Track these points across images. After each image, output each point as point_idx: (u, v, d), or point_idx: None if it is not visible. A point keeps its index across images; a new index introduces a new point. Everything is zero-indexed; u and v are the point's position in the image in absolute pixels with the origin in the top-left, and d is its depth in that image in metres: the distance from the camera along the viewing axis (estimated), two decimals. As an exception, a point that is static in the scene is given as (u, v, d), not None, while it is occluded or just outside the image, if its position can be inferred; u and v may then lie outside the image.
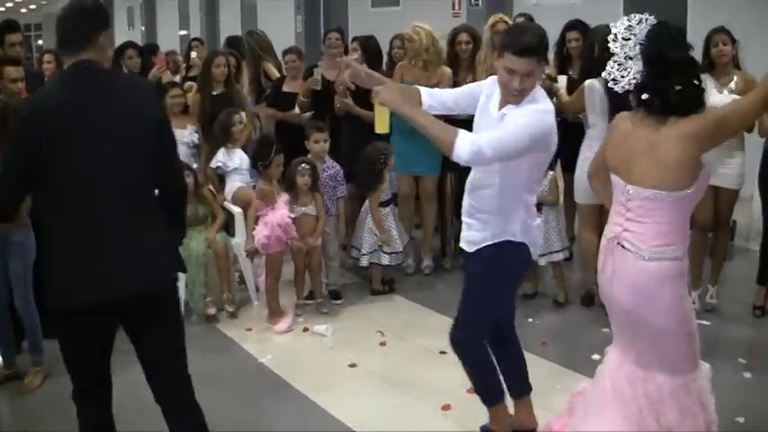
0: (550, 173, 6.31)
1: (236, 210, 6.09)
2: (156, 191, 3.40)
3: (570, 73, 6.82)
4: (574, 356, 5.36)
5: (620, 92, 3.55)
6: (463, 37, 6.97)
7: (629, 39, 3.49)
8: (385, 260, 6.53)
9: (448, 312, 6.07)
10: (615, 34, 3.52)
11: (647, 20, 3.51)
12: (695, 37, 4.30)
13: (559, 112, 6.74)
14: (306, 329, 5.73)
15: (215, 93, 7.06)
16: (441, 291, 6.70)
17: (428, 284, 6.87)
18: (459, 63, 6.97)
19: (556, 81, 6.76)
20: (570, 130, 6.36)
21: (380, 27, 9.78)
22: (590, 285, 6.43)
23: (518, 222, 3.86)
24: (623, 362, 3.61)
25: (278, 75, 8.05)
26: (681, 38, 3.49)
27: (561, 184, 6.63)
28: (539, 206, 6.15)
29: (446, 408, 4.64)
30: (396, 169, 6.73)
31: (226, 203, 6.33)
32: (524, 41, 3.63)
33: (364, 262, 6.49)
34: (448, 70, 6.81)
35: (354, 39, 7.51)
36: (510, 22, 6.75)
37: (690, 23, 9.63)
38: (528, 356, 5.30)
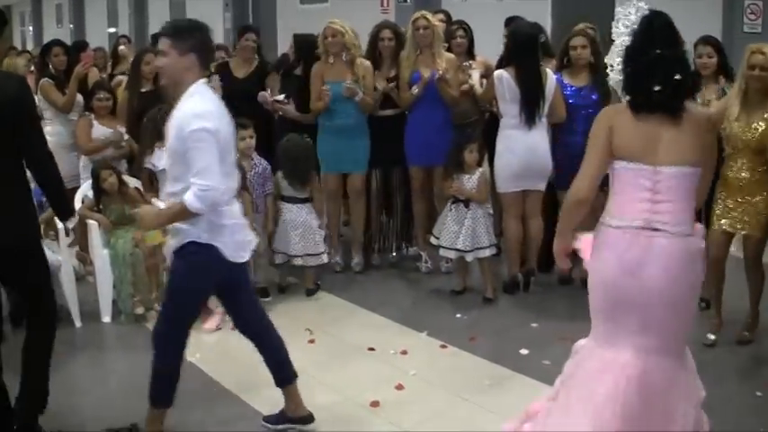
0: (479, 169, 6.38)
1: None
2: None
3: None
4: (503, 352, 5.41)
5: (612, 82, 3.71)
6: (386, 33, 6.99)
7: (628, 27, 3.56)
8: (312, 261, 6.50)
9: (377, 309, 6.17)
10: (617, 20, 3.62)
11: (641, 8, 3.60)
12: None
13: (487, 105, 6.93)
14: (234, 328, 5.70)
15: (144, 90, 6.98)
16: (370, 288, 6.74)
17: (357, 282, 6.89)
18: (383, 60, 6.98)
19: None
20: (496, 127, 6.49)
21: (309, 23, 9.77)
22: (514, 273, 6.57)
23: (203, 223, 3.91)
24: (612, 352, 3.53)
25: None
26: (666, 32, 3.50)
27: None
28: (467, 202, 6.26)
29: (375, 404, 4.65)
30: (323, 168, 6.72)
31: (154, 200, 6.21)
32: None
33: (299, 262, 6.45)
34: (368, 63, 6.82)
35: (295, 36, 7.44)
36: (430, 18, 6.77)
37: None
38: (456, 352, 5.42)
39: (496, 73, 6.31)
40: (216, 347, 5.51)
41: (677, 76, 3.42)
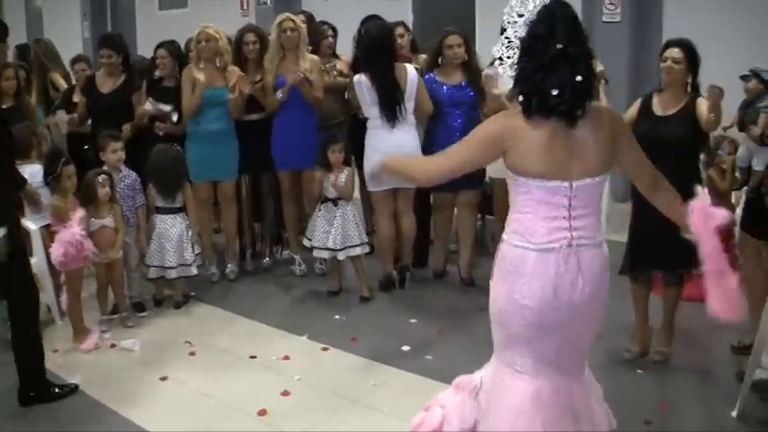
0: (346, 168, 6.43)
1: (32, 227, 5.82)
2: None
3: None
4: (384, 350, 5.47)
5: (501, 74, 3.35)
6: (250, 37, 6.95)
7: (522, 15, 3.22)
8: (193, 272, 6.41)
9: (255, 316, 6.14)
10: (510, 7, 3.25)
11: None
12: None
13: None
14: (113, 345, 5.55)
15: (5, 106, 6.68)
16: (246, 295, 6.69)
17: (233, 290, 6.81)
18: (247, 63, 6.94)
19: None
20: (361, 128, 6.56)
21: (169, 29, 9.63)
22: (388, 270, 6.65)
23: None
24: (534, 383, 3.35)
25: (65, 85, 7.79)
26: (569, 26, 3.18)
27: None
28: (336, 201, 6.29)
29: (262, 413, 4.61)
30: (192, 176, 6.62)
31: (23, 221, 6.01)
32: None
33: (173, 274, 6.32)
34: (237, 69, 6.78)
35: (159, 46, 7.23)
36: (296, 20, 6.77)
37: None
38: (338, 354, 5.45)
39: (355, 78, 6.37)
40: (96, 367, 5.33)
41: (578, 78, 3.11)
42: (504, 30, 3.27)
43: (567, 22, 3.16)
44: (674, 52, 5.01)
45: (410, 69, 6.37)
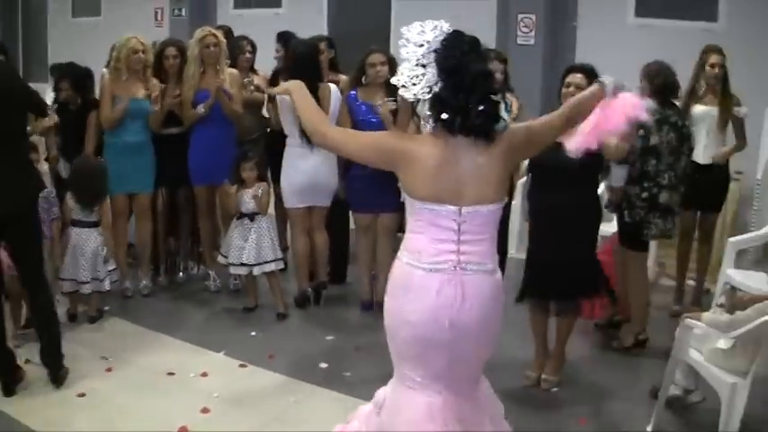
0: (263, 184, 6.45)
1: None
2: None
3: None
4: (303, 367, 5.51)
5: (411, 99, 3.37)
6: (171, 51, 6.89)
7: (423, 45, 3.30)
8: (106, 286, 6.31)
9: (171, 332, 6.09)
10: (407, 38, 3.34)
11: (441, 27, 3.33)
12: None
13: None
14: (28, 361, 5.41)
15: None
16: (162, 311, 6.62)
17: (148, 305, 6.71)
18: (168, 77, 6.90)
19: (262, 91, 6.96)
20: (278, 144, 6.58)
21: (82, 38, 9.51)
22: (303, 287, 6.70)
23: None
24: (424, 397, 3.44)
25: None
26: (478, 49, 3.34)
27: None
28: (252, 216, 6.31)
29: (183, 430, 4.59)
30: (110, 188, 6.51)
31: None
32: None
33: (87, 290, 6.21)
34: (157, 82, 6.75)
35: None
36: (218, 35, 6.76)
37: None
38: (256, 371, 5.45)
39: (278, 97, 6.26)
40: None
41: (495, 96, 3.30)
42: (404, 60, 3.36)
43: (475, 44, 3.32)
44: (577, 78, 5.04)
45: (333, 90, 6.35)
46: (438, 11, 4.01)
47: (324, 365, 5.55)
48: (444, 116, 3.26)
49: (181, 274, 7.34)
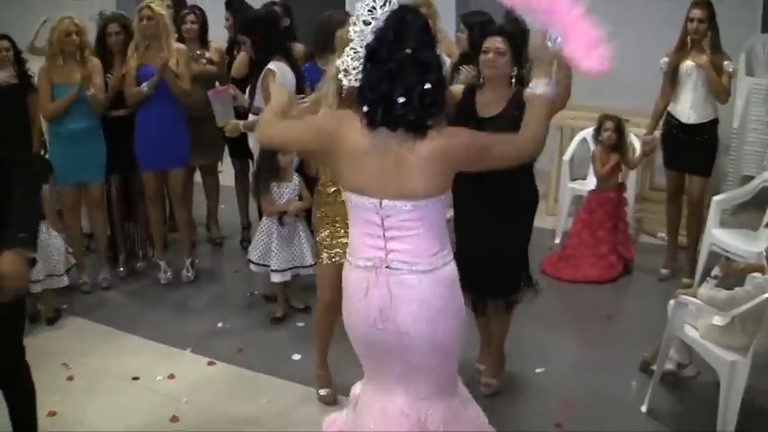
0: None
1: None
2: None
3: None
4: (275, 360, 5.25)
5: (347, 85, 3.16)
6: (113, 27, 6.47)
7: (369, 23, 3.02)
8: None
9: (133, 329, 5.77)
10: (357, 16, 3.06)
11: (391, 2, 3.04)
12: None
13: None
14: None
15: None
16: (121, 306, 6.25)
17: (108, 301, 6.33)
18: (113, 56, 6.47)
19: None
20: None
21: (12, 11, 9.14)
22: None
23: None
24: (384, 400, 3.28)
25: None
26: (423, 30, 3.01)
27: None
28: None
29: (151, 446, 4.32)
30: (56, 181, 6.14)
31: None
32: None
33: (38, 288, 5.81)
34: (98, 61, 6.30)
35: None
36: (153, 8, 6.26)
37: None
38: (226, 368, 5.21)
39: (271, 66, 5.66)
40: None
41: (427, 85, 2.94)
42: (350, 40, 3.13)
43: (418, 27, 3.01)
44: (497, 42, 4.27)
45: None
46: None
47: (297, 357, 5.28)
48: (365, 108, 2.99)
49: (140, 263, 6.95)
